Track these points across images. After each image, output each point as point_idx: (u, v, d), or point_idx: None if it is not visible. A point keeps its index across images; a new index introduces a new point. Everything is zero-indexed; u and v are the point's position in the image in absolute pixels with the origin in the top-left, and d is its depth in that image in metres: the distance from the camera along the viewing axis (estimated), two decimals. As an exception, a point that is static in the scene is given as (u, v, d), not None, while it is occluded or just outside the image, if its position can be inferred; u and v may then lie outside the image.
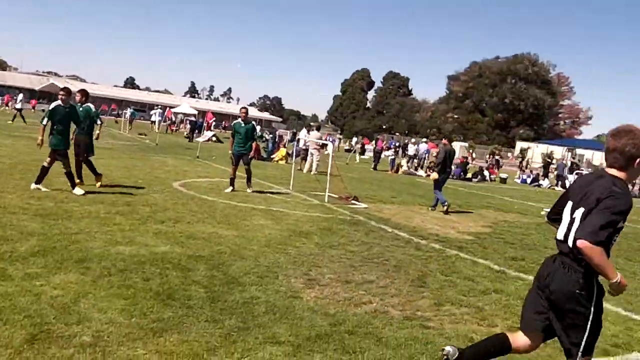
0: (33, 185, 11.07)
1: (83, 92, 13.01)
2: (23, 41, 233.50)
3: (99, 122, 13.18)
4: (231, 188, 14.27)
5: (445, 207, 15.01)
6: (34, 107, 58.18)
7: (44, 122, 11.25)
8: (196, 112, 70.11)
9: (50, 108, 11.29)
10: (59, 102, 11.32)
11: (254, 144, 15.06)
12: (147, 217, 9.63)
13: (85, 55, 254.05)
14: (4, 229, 7.62)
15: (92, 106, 12.80)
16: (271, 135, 35.97)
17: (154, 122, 48.12)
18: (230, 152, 14.81)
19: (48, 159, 11.24)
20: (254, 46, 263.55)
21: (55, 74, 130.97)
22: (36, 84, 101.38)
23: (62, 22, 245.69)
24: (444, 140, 17.04)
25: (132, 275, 6.27)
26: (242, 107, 15.46)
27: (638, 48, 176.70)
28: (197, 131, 42.77)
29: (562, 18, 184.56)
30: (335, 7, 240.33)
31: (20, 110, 37.87)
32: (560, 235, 3.92)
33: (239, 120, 14.74)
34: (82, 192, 11.05)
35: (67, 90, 11.56)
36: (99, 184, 12.38)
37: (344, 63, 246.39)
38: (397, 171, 32.13)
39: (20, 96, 41.30)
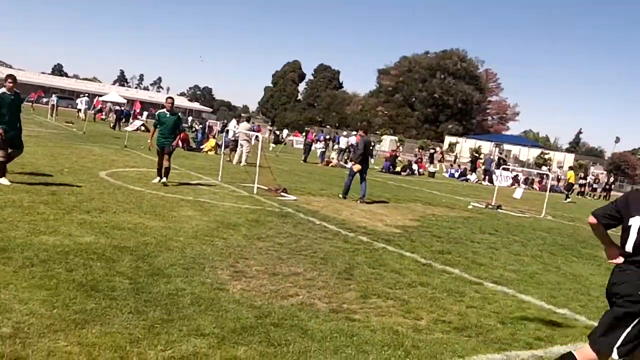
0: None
1: (15, 79, 12.47)
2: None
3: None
4: (158, 178, 13.95)
5: (342, 196, 16.07)
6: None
7: None
8: (125, 101, 68.60)
9: None
10: (4, 89, 10.94)
11: (181, 135, 14.78)
12: (72, 207, 9.43)
13: (12, 40, 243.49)
14: None
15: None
16: (201, 126, 35.64)
17: (81, 110, 46.76)
18: (149, 141, 14.43)
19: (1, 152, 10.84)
20: (182, 35, 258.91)
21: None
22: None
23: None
24: (360, 132, 17.79)
25: (55, 265, 6.16)
26: (169, 97, 14.97)
27: (564, 45, 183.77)
28: (123, 120, 41.76)
29: (489, 14, 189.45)
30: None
31: None
32: (629, 247, 4.21)
33: (164, 110, 14.25)
34: (8, 182, 10.66)
35: (13, 78, 11.13)
36: None
37: (274, 54, 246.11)
38: (327, 164, 32.39)
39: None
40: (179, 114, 14.65)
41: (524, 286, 8.32)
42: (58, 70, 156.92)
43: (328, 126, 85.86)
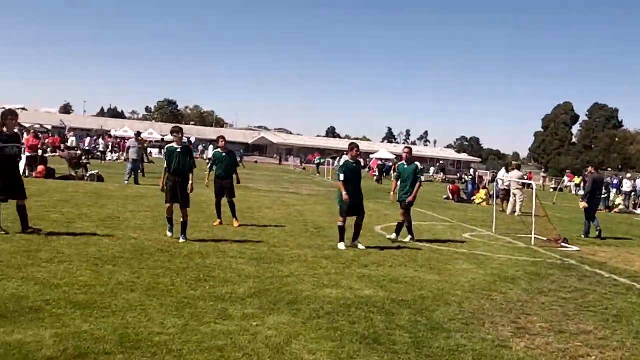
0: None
1: (224, 138, 13.88)
2: (238, 100, 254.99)
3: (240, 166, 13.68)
4: (410, 237, 12.82)
5: (598, 232, 16.18)
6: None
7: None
8: (394, 157, 71.77)
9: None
10: (347, 158, 11.63)
11: (416, 186, 12.69)
12: (351, 261, 9.88)
13: (293, 110, 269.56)
14: (224, 272, 8.26)
15: (235, 152, 13.34)
16: (471, 177, 35.37)
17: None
18: (391, 193, 13.59)
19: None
20: (445, 88, 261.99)
21: (265, 128, 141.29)
22: (249, 138, 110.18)
23: (269, 83, 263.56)
24: (590, 169, 17.97)
25: (339, 318, 6.43)
26: (406, 147, 14.04)
27: None
28: (384, 174, 43.73)
29: None
30: (533, 40, 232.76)
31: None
32: None
33: (402, 161, 13.22)
34: (344, 247, 11.16)
35: (357, 146, 11.79)
36: (237, 224, 12.98)
37: (543, 98, 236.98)
38: (610, 210, 29.83)
39: (211, 147, 45.23)
40: (417, 163, 13.25)
41: None
42: (331, 133, 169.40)
43: (609, 169, 79.54)
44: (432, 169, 72.15)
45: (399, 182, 13.01)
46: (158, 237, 10.80)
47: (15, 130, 10.58)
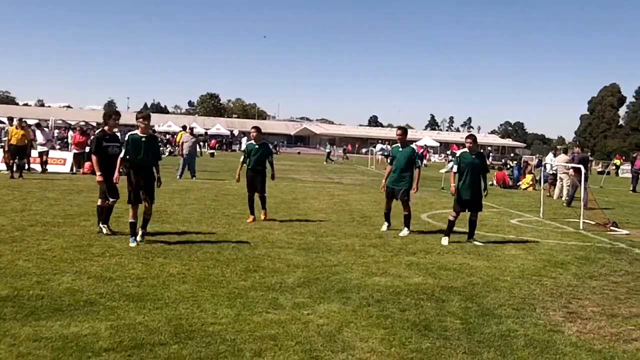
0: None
1: (257, 129, 12.91)
2: (279, 92, 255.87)
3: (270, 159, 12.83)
4: (386, 225, 12.12)
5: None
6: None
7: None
8: (438, 145, 71.60)
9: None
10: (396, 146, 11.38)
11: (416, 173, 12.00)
12: (399, 249, 9.92)
13: (333, 100, 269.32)
14: (273, 262, 8.40)
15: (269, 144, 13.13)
16: (515, 162, 34.93)
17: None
18: (383, 181, 12.29)
19: None
20: (490, 72, 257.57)
21: (307, 119, 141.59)
22: (291, 129, 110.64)
23: (311, 74, 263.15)
24: (577, 149, 19.54)
25: (389, 305, 6.50)
26: (399, 127, 12.42)
27: None
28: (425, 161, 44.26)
29: None
30: (577, 21, 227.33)
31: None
32: None
33: (398, 144, 11.91)
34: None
35: (473, 137, 11.01)
36: (264, 217, 12.57)
37: (588, 80, 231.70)
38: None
39: (245, 139, 45.19)
40: (414, 146, 12.44)
41: None
42: (374, 122, 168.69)
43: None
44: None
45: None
46: (206, 229, 11.00)
47: (115, 130, 10.49)
